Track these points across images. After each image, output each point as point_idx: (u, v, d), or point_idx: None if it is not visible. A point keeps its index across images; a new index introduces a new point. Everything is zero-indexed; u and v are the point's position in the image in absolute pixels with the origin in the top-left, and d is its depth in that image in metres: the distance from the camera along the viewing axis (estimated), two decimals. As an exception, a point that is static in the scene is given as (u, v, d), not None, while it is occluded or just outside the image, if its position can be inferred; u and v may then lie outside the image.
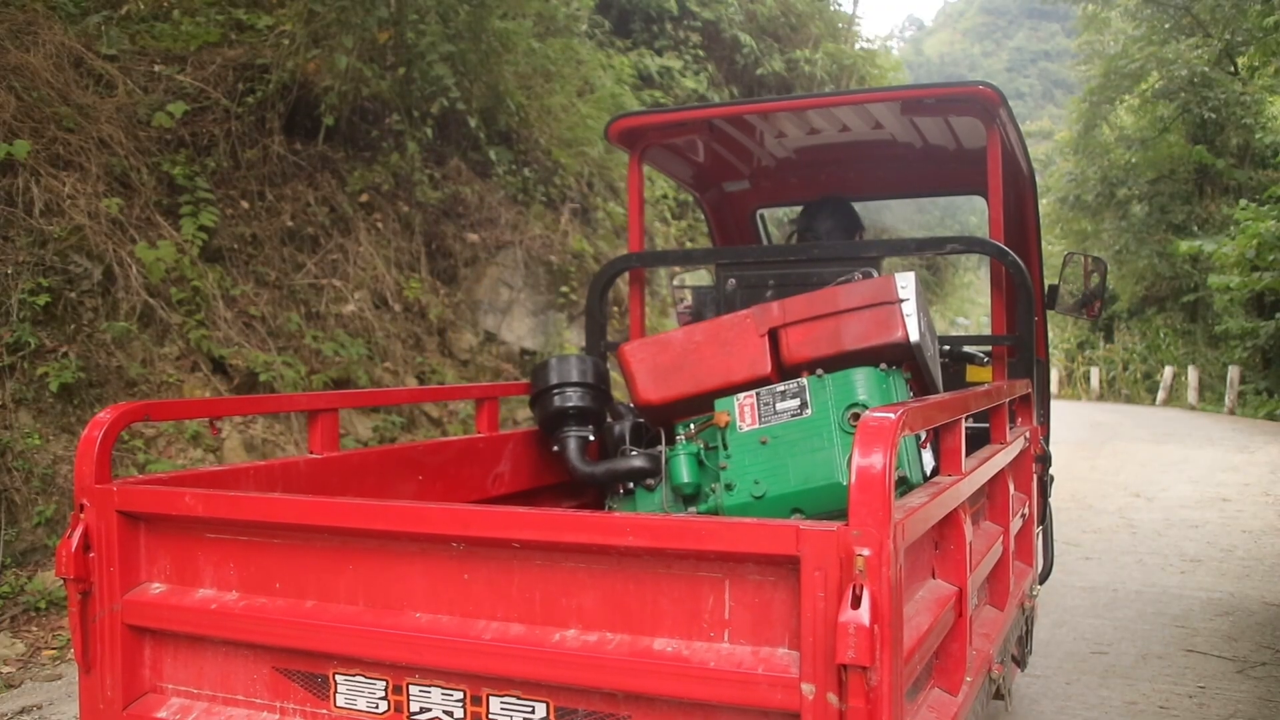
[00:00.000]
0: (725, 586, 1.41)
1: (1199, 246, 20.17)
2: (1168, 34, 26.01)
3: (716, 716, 1.40)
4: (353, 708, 1.66)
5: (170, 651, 1.84)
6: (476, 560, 1.57)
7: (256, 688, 1.75)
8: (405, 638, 1.59)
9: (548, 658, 1.49)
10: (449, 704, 1.59)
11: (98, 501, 1.82)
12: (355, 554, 1.67)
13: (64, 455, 5.33)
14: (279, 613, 1.71)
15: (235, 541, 1.77)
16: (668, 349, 2.64)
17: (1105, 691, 4.04)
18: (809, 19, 14.23)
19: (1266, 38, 19.56)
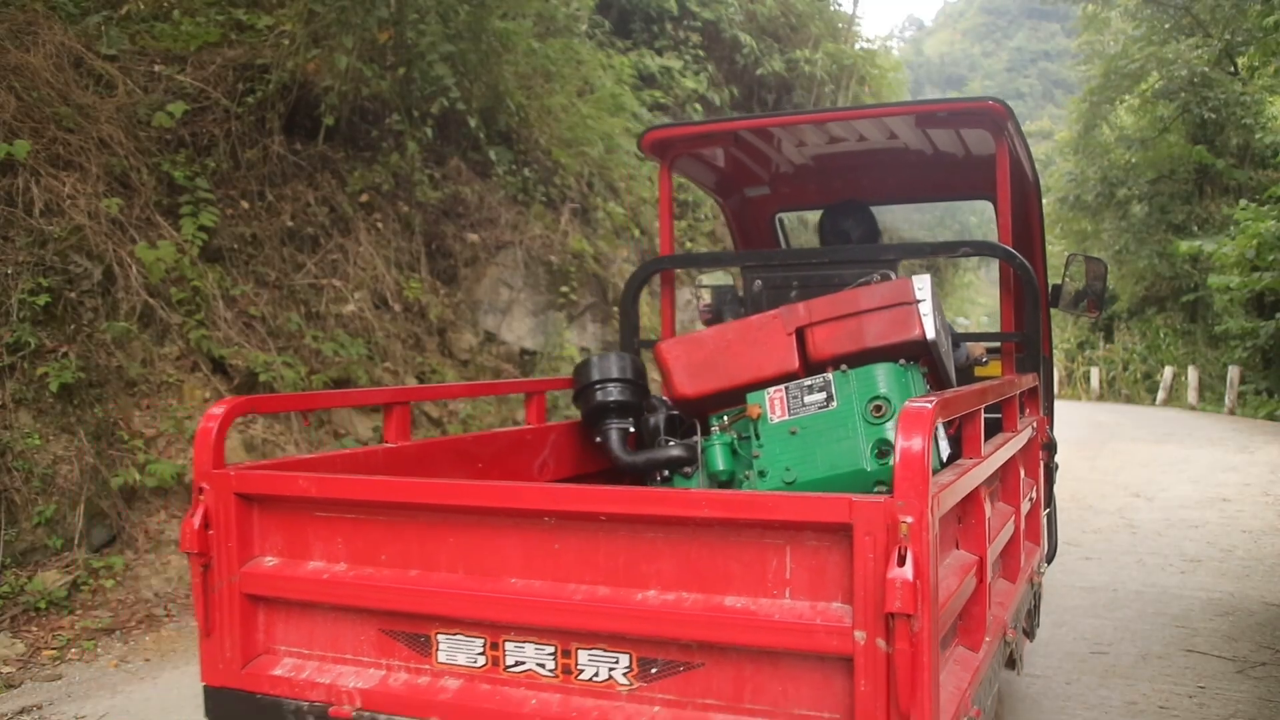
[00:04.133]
0: (786, 551, 1.62)
1: (1199, 246, 20.16)
2: (1168, 34, 26.01)
3: (779, 662, 1.62)
4: (453, 663, 1.88)
5: (283, 617, 2.06)
6: (566, 532, 1.78)
7: (364, 647, 1.97)
8: (501, 600, 1.80)
9: (631, 614, 1.70)
10: (541, 657, 1.80)
11: (216, 485, 2.05)
12: (455, 528, 1.88)
13: (64, 455, 5.33)
14: (385, 581, 1.92)
15: (343, 519, 1.99)
16: (701, 347, 2.83)
17: (1105, 691, 4.04)
18: (809, 19, 14.22)
19: (1266, 38, 19.55)
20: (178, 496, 5.75)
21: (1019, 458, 2.66)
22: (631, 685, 1.74)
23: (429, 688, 1.89)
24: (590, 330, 9.31)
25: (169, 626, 5.01)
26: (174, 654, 4.62)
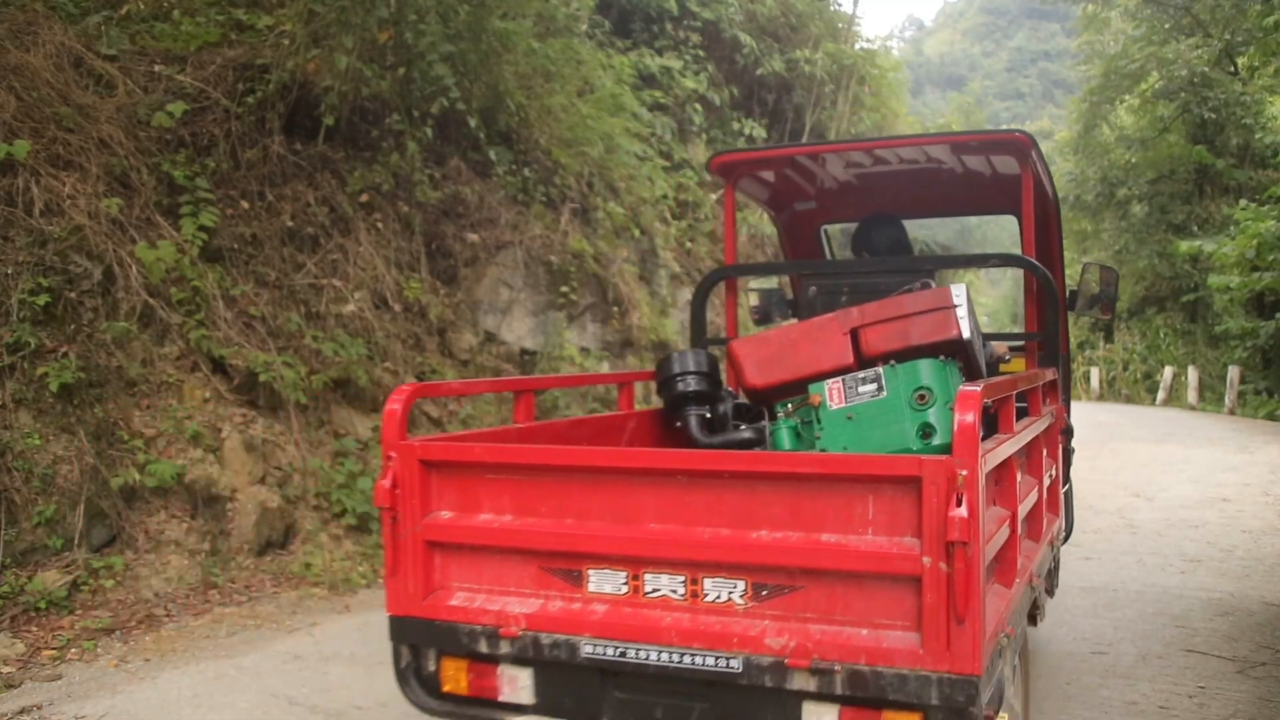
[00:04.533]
0: (869, 498, 2.11)
1: (1199, 246, 20.15)
2: (1168, 34, 26.00)
3: (863, 583, 2.11)
4: (601, 592, 2.36)
5: (456, 559, 2.53)
6: (695, 486, 2.28)
7: (525, 582, 2.45)
8: (641, 540, 2.30)
9: (747, 549, 2.19)
10: (673, 585, 2.29)
11: (402, 453, 2.50)
12: (603, 485, 2.37)
13: (64, 455, 5.33)
14: (544, 528, 2.41)
15: (508, 480, 2.48)
16: (768, 344, 3.29)
17: (1105, 692, 4.04)
18: (809, 19, 14.20)
19: (1266, 38, 19.54)
20: (178, 496, 5.76)
21: (1042, 438, 3.17)
22: (746, 605, 2.24)
23: (581, 612, 2.37)
24: (590, 330, 9.31)
25: (169, 626, 5.01)
26: (174, 654, 4.63)
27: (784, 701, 2.23)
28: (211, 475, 5.89)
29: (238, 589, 5.59)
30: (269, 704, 4.01)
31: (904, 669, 2.09)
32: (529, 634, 2.42)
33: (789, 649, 2.18)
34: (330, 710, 3.94)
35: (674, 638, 2.27)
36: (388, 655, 4.54)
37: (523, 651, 2.44)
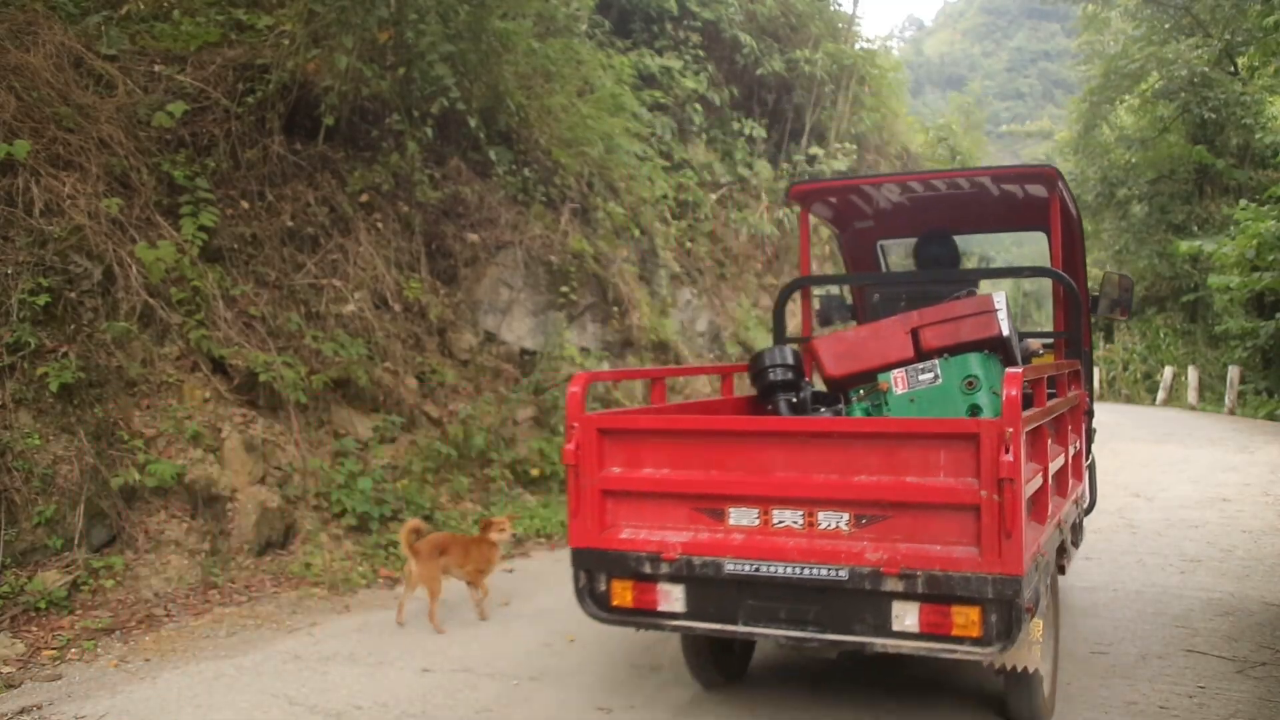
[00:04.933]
0: (941, 450, 2.95)
1: (1199, 246, 20.14)
2: (1168, 34, 25.98)
3: (937, 513, 2.94)
4: (739, 525, 3.20)
5: (624, 503, 3.38)
6: (811, 445, 3.17)
7: (678, 519, 3.29)
8: (770, 485, 3.17)
9: (851, 489, 3.05)
10: (794, 518, 3.14)
11: (583, 424, 3.35)
12: (740, 445, 3.25)
13: (64, 455, 5.33)
14: (694, 478, 3.27)
15: (666, 442, 3.35)
16: (843, 341, 4.11)
17: (1105, 692, 4.04)
18: (809, 19, 14.18)
19: (1266, 38, 19.54)
20: (178, 496, 5.76)
21: (1067, 415, 3.99)
22: (850, 530, 3.08)
23: (724, 540, 3.22)
24: (590, 330, 9.31)
25: (169, 626, 5.01)
26: (174, 654, 4.62)
27: (878, 601, 3.04)
28: (211, 475, 5.89)
29: (237, 589, 5.58)
30: (269, 704, 4.01)
31: (967, 572, 2.91)
32: (683, 558, 3.25)
33: (882, 561, 3.01)
34: (330, 710, 3.94)
35: (795, 555, 3.12)
36: (387, 655, 4.56)
37: (677, 571, 3.28)
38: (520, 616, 5.30)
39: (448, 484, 7.36)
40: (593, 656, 4.58)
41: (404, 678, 4.31)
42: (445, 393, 7.84)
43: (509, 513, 6.62)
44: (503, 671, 4.38)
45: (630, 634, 4.92)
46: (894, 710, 3.84)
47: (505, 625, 5.13)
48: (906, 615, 3.03)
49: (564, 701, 4.02)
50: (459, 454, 7.50)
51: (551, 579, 6.14)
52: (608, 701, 4.00)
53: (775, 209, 13.49)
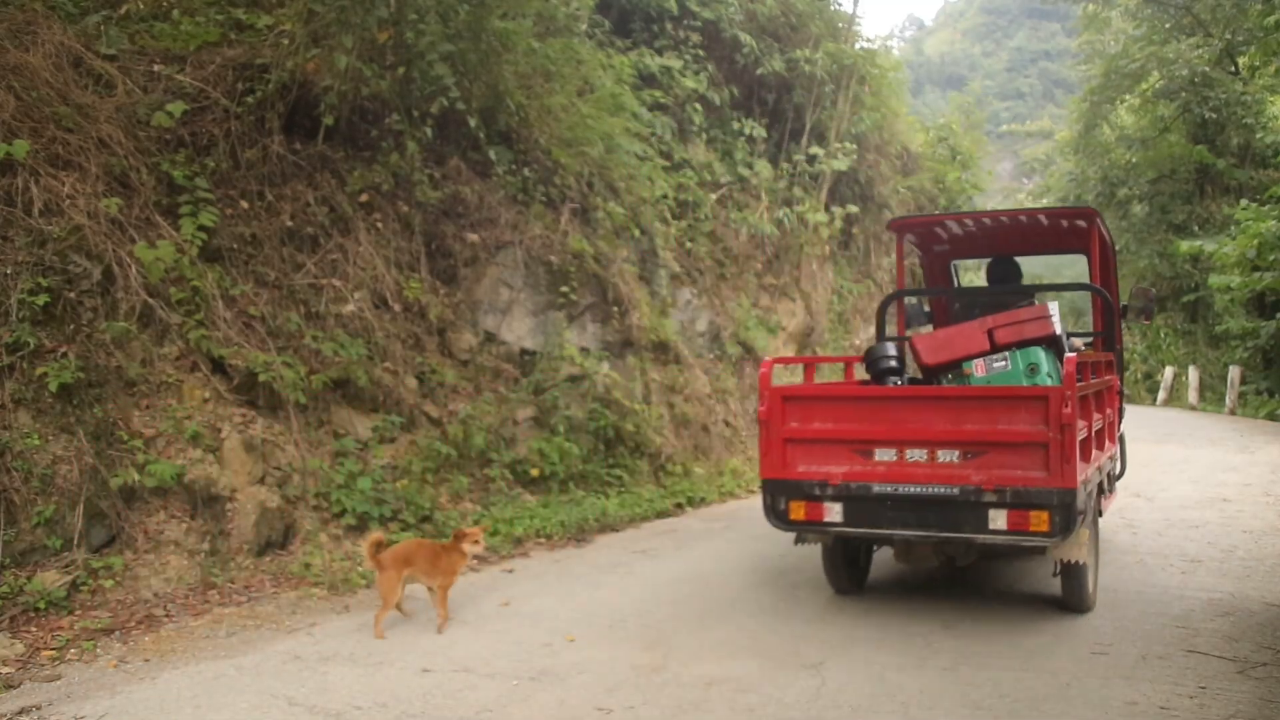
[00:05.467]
0: (1022, 407, 4.56)
1: (1199, 246, 20.12)
2: (1168, 33, 25.96)
3: (1019, 449, 4.51)
4: (882, 460, 4.78)
5: (799, 448, 4.95)
6: (933, 405, 4.85)
7: (840, 458, 4.87)
8: (904, 432, 4.77)
9: (960, 434, 4.66)
10: (921, 454, 4.71)
11: (772, 393, 4.95)
12: (883, 406, 4.97)
13: (63, 455, 5.32)
14: (850, 429, 4.91)
15: (830, 405, 5.10)
16: (935, 338, 5.71)
17: (1106, 692, 4.03)
18: (809, 19, 14.14)
19: (1267, 37, 19.52)
20: (177, 497, 5.75)
21: (1105, 392, 5.56)
22: (959, 462, 4.60)
23: (871, 470, 4.79)
24: (590, 330, 9.30)
25: (168, 627, 5.00)
26: (173, 654, 4.62)
27: (979, 509, 4.59)
28: (211, 475, 5.89)
29: (237, 589, 5.58)
30: (268, 704, 4.00)
31: (1039, 487, 4.46)
32: (843, 483, 4.85)
33: (983, 481, 4.58)
34: (329, 710, 3.94)
35: (923, 479, 4.72)
36: (387, 655, 4.55)
37: (838, 493, 4.86)
38: (520, 616, 5.29)
39: (447, 484, 7.36)
40: (592, 656, 4.57)
41: (404, 678, 4.31)
42: (445, 393, 7.83)
43: (485, 523, 6.59)
44: (502, 671, 4.38)
45: (630, 634, 4.92)
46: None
47: (505, 625, 5.13)
48: (998, 518, 4.57)
49: (564, 701, 4.01)
50: (459, 454, 7.49)
51: (552, 579, 6.13)
52: (608, 702, 4.00)
53: (775, 209, 13.48)
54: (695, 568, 6.45)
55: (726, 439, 10.84)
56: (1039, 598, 5.48)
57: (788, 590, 5.82)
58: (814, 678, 4.25)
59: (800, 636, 4.87)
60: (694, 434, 10.15)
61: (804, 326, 13.99)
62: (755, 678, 4.27)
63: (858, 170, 15.06)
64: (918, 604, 5.44)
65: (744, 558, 6.76)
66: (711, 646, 4.72)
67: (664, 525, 8.14)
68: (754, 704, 3.96)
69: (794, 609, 5.40)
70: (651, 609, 5.41)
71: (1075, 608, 5.13)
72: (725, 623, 5.13)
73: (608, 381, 8.83)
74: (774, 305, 13.41)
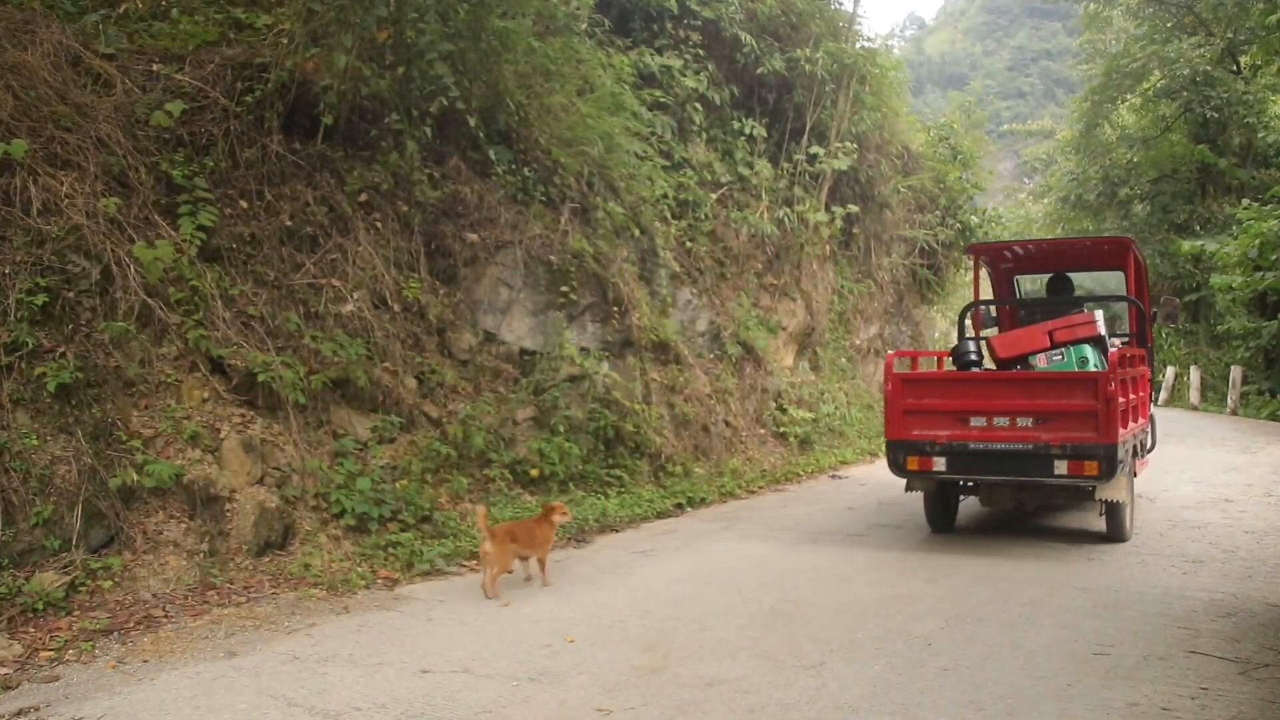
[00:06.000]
0: (1079, 386, 6.53)
1: (1201, 246, 20.09)
2: (1170, 33, 25.93)
3: (1076, 417, 6.41)
4: (975, 425, 6.70)
5: (914, 418, 6.89)
6: (1014, 386, 6.90)
7: (943, 424, 6.80)
8: (992, 405, 6.71)
9: (1034, 405, 6.59)
10: (1005, 421, 6.63)
11: (895, 378, 6.96)
12: (977, 385, 7.05)
13: (61, 455, 5.31)
14: (953, 403, 6.85)
15: (937, 385, 7.25)
16: (1008, 338, 7.49)
17: (1107, 693, 4.01)
18: (809, 18, 14.12)
19: (1269, 36, 19.49)
20: (176, 497, 5.74)
21: (1138, 378, 7.28)
22: (1033, 426, 6.52)
23: (967, 432, 6.69)
24: (590, 330, 9.28)
25: (167, 627, 4.99)
26: (172, 655, 4.60)
27: (1047, 459, 6.36)
28: (210, 475, 5.87)
29: (236, 590, 5.57)
30: (267, 705, 3.99)
31: (1091, 443, 6.28)
32: (947, 442, 6.66)
33: (1051, 440, 6.39)
34: (329, 711, 3.92)
35: (1006, 439, 6.52)
36: (387, 656, 4.54)
37: (943, 449, 6.67)
38: (520, 617, 5.28)
39: (447, 484, 7.34)
40: (592, 657, 4.56)
41: (403, 678, 4.29)
42: (444, 393, 7.82)
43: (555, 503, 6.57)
44: (502, 672, 4.36)
45: (629, 635, 4.91)
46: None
47: (505, 626, 5.11)
48: (1061, 466, 6.37)
49: (563, 702, 4.00)
50: (458, 454, 7.48)
51: (551, 579, 6.12)
52: (607, 702, 3.98)
53: (775, 208, 13.46)
54: (695, 568, 6.44)
55: (726, 439, 10.83)
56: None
57: (788, 590, 5.81)
58: (814, 678, 4.24)
59: (800, 637, 4.86)
60: (694, 434, 10.13)
61: (804, 326, 13.97)
62: (755, 678, 4.25)
63: (858, 170, 15.04)
64: (918, 603, 5.43)
65: (744, 558, 6.74)
66: (711, 647, 4.70)
67: (664, 526, 8.12)
68: (754, 704, 3.95)
69: (794, 610, 5.39)
70: (651, 609, 5.40)
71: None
72: (725, 623, 5.12)
73: (608, 381, 8.82)
74: (774, 305, 13.39)
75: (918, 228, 18.03)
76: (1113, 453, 6.23)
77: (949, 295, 20.78)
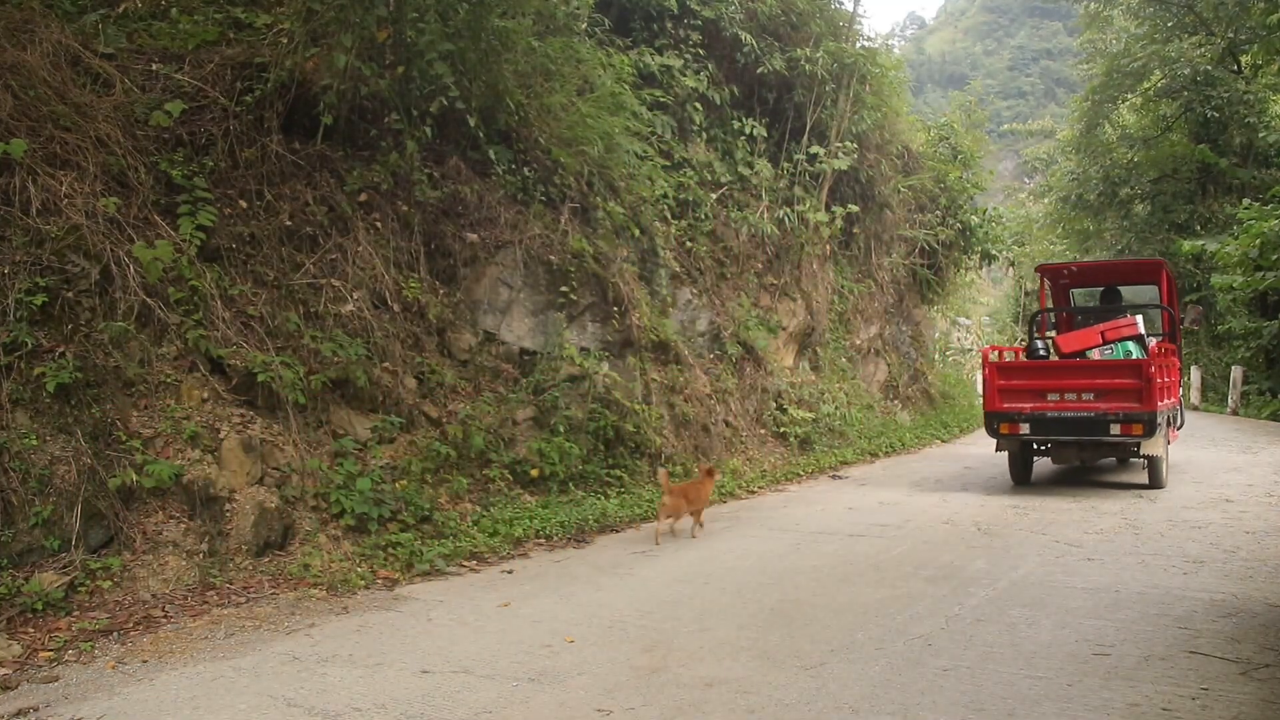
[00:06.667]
0: (1128, 368, 9.29)
1: (1202, 246, 20.09)
2: (1170, 32, 25.91)
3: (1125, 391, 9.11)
4: (1054, 400, 9.39)
5: (1006, 394, 9.61)
6: (1080, 370, 9.64)
7: (1027, 399, 9.50)
8: (1063, 384, 9.47)
9: (1094, 383, 9.35)
10: (1073, 396, 9.32)
11: (990, 365, 9.80)
12: (1052, 370, 9.83)
13: (61, 455, 5.31)
14: (1034, 383, 9.62)
15: (1023, 371, 9.98)
16: (1070, 337, 10.26)
17: (1108, 693, 4.01)
18: (810, 17, 14.11)
19: (1270, 36, 19.48)
20: (175, 497, 5.73)
21: (1169, 366, 10.18)
22: (1094, 399, 9.19)
23: (1045, 404, 9.39)
24: (590, 330, 9.28)
25: (167, 628, 4.99)
26: (172, 655, 4.60)
27: (1105, 424, 9.01)
28: (209, 476, 5.87)
29: (236, 590, 5.56)
30: (267, 705, 3.98)
31: (1136, 411, 8.91)
32: (1030, 412, 9.35)
33: (1108, 409, 9.03)
34: (328, 712, 3.92)
35: (1075, 409, 9.22)
36: (386, 656, 4.54)
37: (1027, 418, 9.36)
38: (520, 617, 5.27)
39: (447, 484, 7.34)
40: (592, 657, 4.55)
41: (403, 679, 4.29)
42: (444, 393, 7.81)
43: (710, 464, 8.73)
44: (502, 673, 4.36)
45: (629, 635, 4.90)
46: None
47: (505, 626, 5.11)
48: (1115, 428, 8.87)
49: (563, 703, 3.99)
50: (458, 454, 7.47)
51: (551, 579, 6.12)
52: (607, 703, 3.98)
53: (775, 208, 13.45)
54: (695, 568, 6.43)
55: (727, 439, 10.82)
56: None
57: (788, 591, 5.81)
58: (814, 678, 4.23)
59: (800, 637, 4.85)
60: (694, 434, 10.13)
61: (805, 326, 13.97)
62: (755, 678, 4.25)
63: (858, 169, 15.03)
64: (918, 603, 5.42)
65: (744, 558, 6.74)
66: (711, 647, 4.70)
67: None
68: (754, 705, 3.94)
69: (795, 610, 5.38)
70: (651, 609, 5.39)
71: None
72: (725, 623, 5.11)
73: (608, 381, 8.81)
74: (774, 305, 13.38)
75: (918, 228, 18.03)
76: (1153, 418, 8.88)
77: (949, 295, 20.77)
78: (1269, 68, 23.01)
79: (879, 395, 16.34)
